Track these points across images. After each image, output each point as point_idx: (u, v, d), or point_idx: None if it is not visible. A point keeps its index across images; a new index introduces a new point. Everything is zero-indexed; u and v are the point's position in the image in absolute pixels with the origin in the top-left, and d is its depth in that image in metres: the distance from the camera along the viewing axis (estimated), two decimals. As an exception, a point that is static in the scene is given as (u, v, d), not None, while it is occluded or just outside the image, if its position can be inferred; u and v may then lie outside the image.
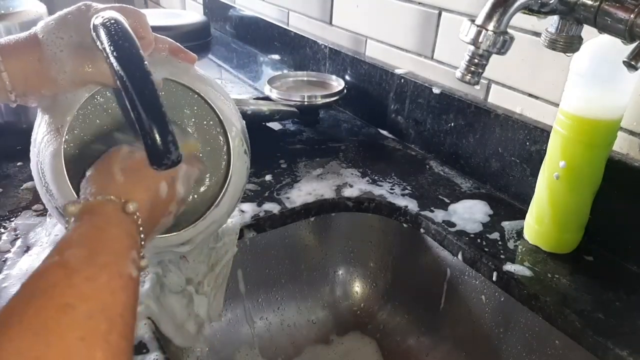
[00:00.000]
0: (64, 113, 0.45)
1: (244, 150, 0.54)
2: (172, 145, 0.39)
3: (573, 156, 0.58)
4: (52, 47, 0.42)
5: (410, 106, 0.88)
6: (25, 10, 0.83)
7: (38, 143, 0.47)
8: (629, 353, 0.49)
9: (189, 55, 0.51)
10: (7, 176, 0.75)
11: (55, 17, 0.44)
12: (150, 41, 0.46)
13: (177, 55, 0.50)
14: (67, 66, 0.42)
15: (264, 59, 1.31)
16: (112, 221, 0.38)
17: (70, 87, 0.44)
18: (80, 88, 0.45)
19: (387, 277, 0.78)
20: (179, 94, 0.54)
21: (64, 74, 0.42)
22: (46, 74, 0.42)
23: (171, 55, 0.50)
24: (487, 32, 0.46)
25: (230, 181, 0.52)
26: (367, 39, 0.99)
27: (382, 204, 0.74)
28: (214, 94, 0.51)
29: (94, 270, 0.33)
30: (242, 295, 0.73)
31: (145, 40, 0.45)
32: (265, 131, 0.95)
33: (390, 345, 0.75)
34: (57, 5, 0.46)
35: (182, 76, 0.50)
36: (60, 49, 0.42)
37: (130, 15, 0.44)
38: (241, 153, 0.53)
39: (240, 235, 0.67)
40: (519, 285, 0.59)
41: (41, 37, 0.42)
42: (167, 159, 0.39)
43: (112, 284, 0.33)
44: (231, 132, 0.52)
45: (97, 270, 0.33)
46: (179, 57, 0.50)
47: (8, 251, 0.60)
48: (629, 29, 0.44)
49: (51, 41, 0.42)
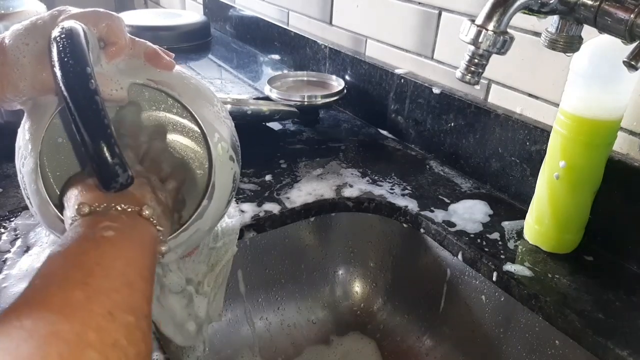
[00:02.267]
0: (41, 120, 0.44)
1: (230, 157, 0.51)
2: (119, 169, 0.37)
3: (573, 156, 0.58)
4: (15, 53, 0.41)
5: (410, 106, 0.88)
6: (25, 10, 0.83)
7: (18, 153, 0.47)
8: (629, 353, 0.49)
9: (166, 62, 0.48)
10: (7, 176, 0.75)
11: (26, 22, 0.43)
12: (122, 47, 0.45)
13: (153, 61, 0.48)
14: (28, 72, 0.41)
15: (264, 59, 1.31)
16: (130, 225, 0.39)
17: (32, 93, 0.43)
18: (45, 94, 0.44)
19: (387, 277, 0.78)
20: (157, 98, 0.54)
21: (24, 81, 0.42)
22: (8, 79, 0.42)
23: (147, 61, 0.47)
24: (487, 32, 0.46)
25: (214, 189, 0.49)
26: (367, 39, 0.99)
27: (382, 204, 0.74)
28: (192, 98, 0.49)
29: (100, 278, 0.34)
30: (242, 296, 0.73)
31: (116, 45, 0.44)
32: (265, 131, 0.95)
33: (390, 345, 0.75)
34: (57, 5, 0.46)
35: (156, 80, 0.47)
36: (23, 54, 0.41)
37: (102, 20, 0.43)
38: (225, 160, 0.50)
39: (240, 235, 0.67)
40: (519, 285, 0.59)
41: (7, 42, 0.42)
42: (115, 182, 0.37)
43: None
44: (213, 138, 0.49)
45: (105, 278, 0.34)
46: (155, 63, 0.48)
47: (8, 251, 0.60)
48: (629, 29, 0.44)
49: (16, 46, 0.42)
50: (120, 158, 0.37)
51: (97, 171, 0.37)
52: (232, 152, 0.51)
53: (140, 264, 0.36)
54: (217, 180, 0.49)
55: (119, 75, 0.45)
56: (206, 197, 0.49)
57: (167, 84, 0.48)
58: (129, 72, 0.46)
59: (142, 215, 0.40)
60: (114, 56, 0.44)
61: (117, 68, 0.45)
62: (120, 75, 0.45)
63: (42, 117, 0.45)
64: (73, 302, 0.30)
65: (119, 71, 0.45)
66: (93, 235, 0.36)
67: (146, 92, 0.54)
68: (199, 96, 0.50)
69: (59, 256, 0.34)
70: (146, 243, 0.39)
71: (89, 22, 0.43)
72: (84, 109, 0.36)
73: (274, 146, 0.89)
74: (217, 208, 0.51)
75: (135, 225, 0.39)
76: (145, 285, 0.36)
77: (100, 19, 0.43)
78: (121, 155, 0.37)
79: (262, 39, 1.33)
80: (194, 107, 0.49)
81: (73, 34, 0.39)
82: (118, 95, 0.44)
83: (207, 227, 0.52)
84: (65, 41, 0.38)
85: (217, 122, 0.50)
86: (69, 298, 0.30)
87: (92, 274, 0.32)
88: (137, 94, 0.54)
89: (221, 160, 0.50)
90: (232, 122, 0.54)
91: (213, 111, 0.51)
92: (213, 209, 0.50)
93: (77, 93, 0.36)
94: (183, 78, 0.50)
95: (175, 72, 0.50)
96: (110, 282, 0.33)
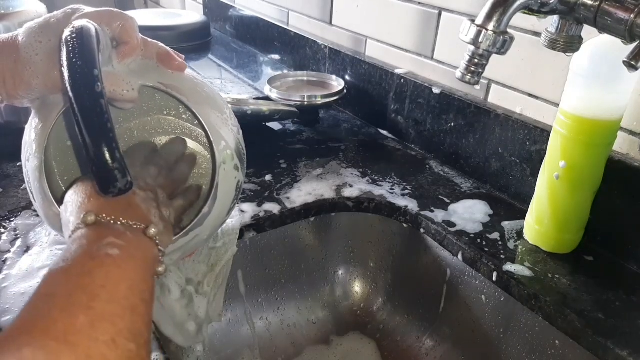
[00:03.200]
0: (47, 118, 0.45)
1: (234, 166, 0.50)
2: (118, 173, 0.37)
3: (573, 156, 0.58)
4: (28, 50, 0.42)
5: (410, 106, 0.88)
6: (25, 10, 0.83)
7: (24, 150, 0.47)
8: (629, 353, 0.49)
9: (178, 63, 0.49)
10: (7, 176, 0.75)
11: (40, 20, 0.43)
12: (134, 47, 0.45)
13: (165, 62, 0.48)
14: (40, 70, 0.42)
15: (264, 59, 1.31)
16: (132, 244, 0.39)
17: (44, 91, 0.43)
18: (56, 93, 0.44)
19: (387, 277, 0.78)
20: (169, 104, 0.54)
21: (37, 79, 0.42)
22: (21, 76, 0.42)
23: (159, 62, 0.48)
24: (487, 32, 0.46)
25: (215, 197, 0.49)
26: (367, 39, 0.99)
27: (382, 204, 0.74)
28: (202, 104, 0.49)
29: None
30: (242, 296, 0.73)
31: (130, 45, 0.44)
32: (265, 131, 0.95)
33: (390, 345, 0.75)
34: (58, 5, 0.46)
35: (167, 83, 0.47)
36: (36, 52, 0.42)
37: (116, 19, 0.43)
38: (229, 169, 0.50)
39: (240, 235, 0.67)
40: (519, 285, 0.59)
41: (20, 40, 0.42)
42: (114, 187, 0.37)
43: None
44: (219, 146, 0.48)
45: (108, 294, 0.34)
46: (167, 64, 0.48)
47: (8, 251, 0.60)
48: (629, 29, 0.44)
49: (29, 44, 0.42)
50: (120, 163, 0.37)
51: (97, 174, 0.37)
52: (237, 161, 0.50)
53: (142, 287, 0.36)
54: (220, 188, 0.49)
55: (131, 76, 0.45)
56: (207, 204, 0.49)
57: (177, 88, 0.48)
58: (140, 73, 0.46)
59: (147, 234, 0.40)
60: (126, 56, 0.44)
61: (129, 68, 0.45)
62: (132, 76, 0.45)
63: (50, 115, 0.45)
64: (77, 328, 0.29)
65: (131, 72, 0.45)
66: (97, 253, 0.35)
67: (157, 96, 0.55)
68: (207, 102, 0.49)
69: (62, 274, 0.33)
70: (149, 264, 0.39)
71: (103, 22, 0.43)
72: (87, 111, 0.36)
73: (274, 146, 0.89)
74: (217, 216, 0.50)
75: (140, 245, 0.39)
76: (146, 309, 0.35)
77: (114, 19, 0.43)
78: (122, 160, 0.37)
79: (262, 39, 1.33)
80: (202, 113, 0.48)
81: (84, 34, 0.39)
82: (129, 95, 0.44)
83: (206, 234, 0.51)
84: (75, 42, 0.38)
85: (225, 129, 0.50)
86: (73, 324, 0.29)
87: (97, 297, 0.32)
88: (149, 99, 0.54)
89: (225, 169, 0.49)
90: (241, 131, 0.54)
91: (222, 118, 0.50)
92: (214, 216, 0.50)
93: (83, 95, 0.36)
94: (195, 84, 0.50)
95: (187, 76, 0.50)
96: (114, 307, 0.32)
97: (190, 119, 0.56)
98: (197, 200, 0.54)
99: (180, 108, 0.56)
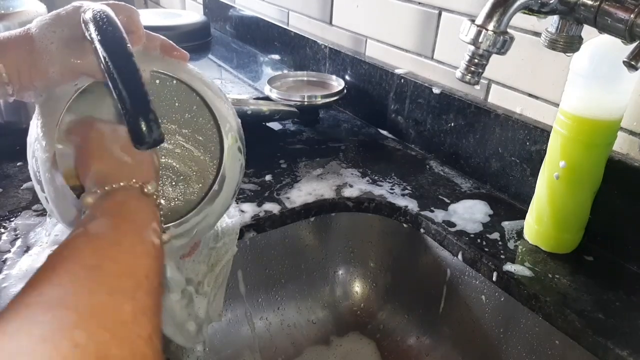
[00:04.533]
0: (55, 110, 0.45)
1: (238, 148, 0.54)
2: (153, 124, 0.39)
3: (573, 156, 0.58)
4: (43, 40, 0.43)
5: (410, 106, 0.88)
6: (25, 10, 0.83)
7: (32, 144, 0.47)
8: (629, 353, 0.49)
9: (181, 52, 0.51)
10: (7, 176, 0.75)
11: (50, 14, 0.45)
12: (140, 36, 0.47)
13: (169, 52, 0.51)
14: (57, 58, 0.43)
15: (264, 59, 1.31)
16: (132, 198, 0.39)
17: (60, 79, 0.45)
18: (70, 82, 0.45)
19: (387, 277, 0.78)
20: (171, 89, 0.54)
21: (54, 67, 0.43)
22: (37, 66, 0.43)
23: (163, 52, 0.50)
24: (487, 32, 0.46)
25: (224, 176, 0.52)
26: (367, 39, 0.99)
27: (382, 204, 0.74)
28: (207, 89, 0.52)
29: (117, 236, 0.34)
30: (242, 296, 0.73)
31: (135, 34, 0.46)
32: (265, 131, 0.95)
33: (390, 345, 0.75)
34: (57, 5, 0.46)
35: (173, 71, 0.50)
36: (51, 41, 0.43)
37: (122, 11, 0.45)
38: (234, 151, 0.53)
39: (240, 235, 0.67)
40: (519, 285, 0.59)
41: (34, 31, 0.44)
42: (149, 138, 0.39)
43: (136, 249, 0.34)
44: (224, 127, 0.52)
45: (121, 236, 0.34)
46: (171, 55, 0.51)
47: (8, 251, 0.60)
48: (629, 29, 0.44)
49: (43, 35, 0.44)
50: (155, 114, 0.39)
51: (134, 125, 0.38)
52: (240, 144, 0.54)
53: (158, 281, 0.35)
54: (227, 167, 0.52)
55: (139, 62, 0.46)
56: (217, 182, 0.52)
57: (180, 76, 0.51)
58: (146, 62, 0.48)
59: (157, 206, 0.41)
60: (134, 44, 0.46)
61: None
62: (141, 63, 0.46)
63: (57, 106, 0.46)
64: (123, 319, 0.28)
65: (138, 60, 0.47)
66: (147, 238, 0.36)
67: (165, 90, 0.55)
68: (211, 88, 0.53)
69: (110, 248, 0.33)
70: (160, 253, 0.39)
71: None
72: (123, 68, 0.39)
73: (274, 146, 0.89)
74: (225, 197, 0.53)
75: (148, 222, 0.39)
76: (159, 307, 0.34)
77: (121, 10, 0.45)
78: (155, 112, 0.39)
79: (262, 39, 1.33)
80: (207, 96, 0.51)
81: (107, 11, 0.42)
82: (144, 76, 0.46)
83: (213, 217, 0.54)
84: (102, 14, 0.41)
85: (228, 113, 0.53)
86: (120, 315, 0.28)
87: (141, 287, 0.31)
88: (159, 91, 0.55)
89: (231, 150, 0.52)
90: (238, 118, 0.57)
91: (225, 103, 0.54)
92: (222, 197, 0.53)
93: (117, 52, 0.39)
94: (198, 72, 0.53)
95: (191, 66, 0.53)
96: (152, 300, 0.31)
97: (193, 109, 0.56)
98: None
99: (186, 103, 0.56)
